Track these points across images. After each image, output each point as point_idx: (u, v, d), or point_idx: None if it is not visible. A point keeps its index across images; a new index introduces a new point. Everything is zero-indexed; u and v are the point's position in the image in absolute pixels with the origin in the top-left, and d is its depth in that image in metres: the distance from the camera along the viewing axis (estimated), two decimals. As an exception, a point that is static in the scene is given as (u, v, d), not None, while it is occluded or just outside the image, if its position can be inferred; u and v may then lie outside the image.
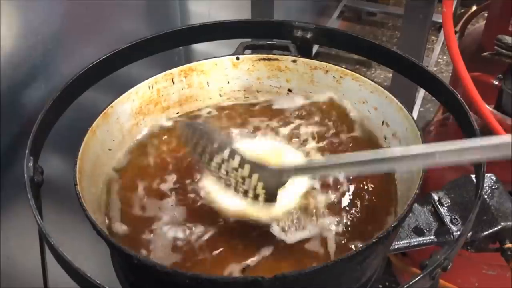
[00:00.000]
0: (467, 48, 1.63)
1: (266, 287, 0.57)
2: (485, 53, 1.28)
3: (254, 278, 0.57)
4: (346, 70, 0.86)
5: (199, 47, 1.26)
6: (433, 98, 0.85)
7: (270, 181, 0.68)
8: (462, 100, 0.78)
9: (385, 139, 0.82)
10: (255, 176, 0.67)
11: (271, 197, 0.69)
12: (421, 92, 2.03)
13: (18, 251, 0.90)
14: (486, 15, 2.35)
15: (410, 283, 0.59)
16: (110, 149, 0.81)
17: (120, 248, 0.61)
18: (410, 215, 0.79)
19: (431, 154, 0.59)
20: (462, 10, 2.18)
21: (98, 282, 0.57)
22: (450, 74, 2.32)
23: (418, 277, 0.60)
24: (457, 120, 0.79)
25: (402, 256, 1.47)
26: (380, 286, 1.37)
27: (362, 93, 0.85)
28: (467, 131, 0.76)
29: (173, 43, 0.94)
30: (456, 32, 2.55)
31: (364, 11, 2.56)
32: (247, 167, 0.67)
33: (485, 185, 0.83)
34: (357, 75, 0.85)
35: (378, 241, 0.61)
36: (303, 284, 0.60)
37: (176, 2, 1.28)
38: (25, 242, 0.90)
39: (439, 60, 2.46)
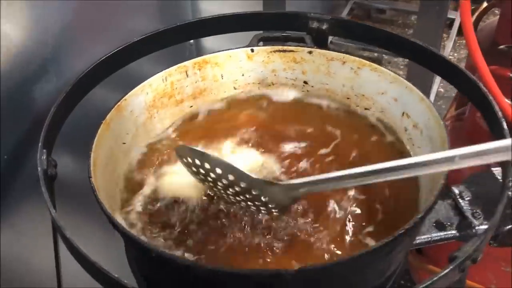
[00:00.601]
0: (480, 43, 1.61)
1: (289, 281, 0.55)
2: (501, 46, 1.26)
3: (277, 271, 0.55)
4: (364, 60, 0.84)
5: (210, 43, 1.24)
6: (445, 95, 0.83)
7: (281, 199, 0.66)
8: (485, 89, 0.76)
9: (406, 130, 0.80)
10: (264, 198, 0.66)
11: (283, 210, 0.68)
12: (434, 88, 2.00)
13: (30, 250, 0.89)
14: (496, 11, 2.33)
15: (439, 275, 0.57)
16: (124, 143, 0.80)
17: (139, 241, 0.59)
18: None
19: (451, 158, 0.57)
20: (473, 7, 2.16)
21: (116, 275, 0.56)
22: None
23: (447, 269, 0.57)
24: (480, 110, 0.77)
25: (417, 253, 1.45)
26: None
27: (381, 84, 0.82)
28: (491, 121, 0.73)
29: (186, 36, 0.92)
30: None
31: (374, 8, 2.54)
32: (255, 191, 0.65)
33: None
34: (375, 65, 0.83)
35: (406, 232, 0.59)
36: (327, 278, 0.58)
37: (188, 1, 1.26)
38: (38, 240, 0.88)
39: (450, 56, 2.44)
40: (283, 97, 0.91)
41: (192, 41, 1.23)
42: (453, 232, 0.79)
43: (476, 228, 0.79)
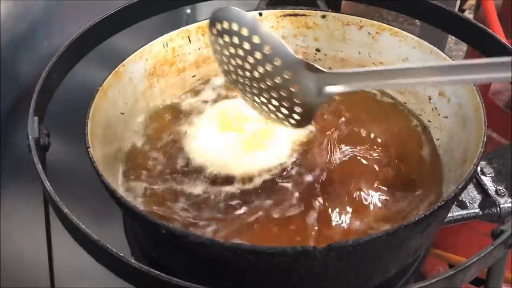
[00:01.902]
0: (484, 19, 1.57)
1: (319, 259, 0.49)
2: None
3: (305, 248, 0.49)
4: (384, 24, 0.77)
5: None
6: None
7: (311, 96, 0.58)
8: (512, 48, 0.70)
9: (430, 99, 0.74)
10: (293, 87, 0.58)
11: (306, 115, 0.60)
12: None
13: (20, 230, 0.81)
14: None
15: (486, 251, 0.50)
16: (122, 113, 0.72)
17: (145, 216, 0.52)
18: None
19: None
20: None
21: (116, 251, 0.49)
22: (460, 53, 2.26)
23: (494, 246, 0.51)
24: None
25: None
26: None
27: (402, 50, 0.76)
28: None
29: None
30: (464, 10, 2.48)
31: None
32: (287, 73, 0.58)
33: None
34: (396, 29, 0.76)
35: (443, 205, 0.53)
36: (359, 255, 0.51)
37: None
38: (28, 220, 0.81)
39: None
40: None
41: (189, 11, 1.16)
42: (476, 210, 0.75)
43: (501, 206, 0.74)
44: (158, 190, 0.66)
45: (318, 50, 0.83)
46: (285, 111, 0.61)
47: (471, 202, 0.75)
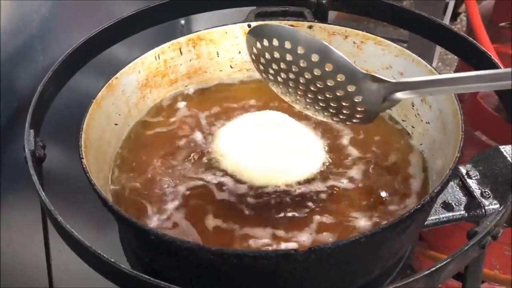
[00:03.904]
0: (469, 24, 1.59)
1: (300, 261, 0.52)
2: (502, 24, 1.23)
3: (287, 251, 0.51)
4: (368, 34, 0.80)
5: (203, 26, 1.20)
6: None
7: (375, 102, 0.59)
8: (496, 60, 0.72)
9: (413, 106, 0.76)
10: (357, 97, 0.59)
11: (368, 118, 0.61)
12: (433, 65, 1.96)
13: (19, 238, 0.84)
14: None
15: (460, 252, 0.53)
16: (116, 124, 0.75)
17: (135, 223, 0.55)
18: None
19: None
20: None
21: (112, 260, 0.51)
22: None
23: (468, 245, 0.54)
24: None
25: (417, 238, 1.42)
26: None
27: (386, 58, 0.79)
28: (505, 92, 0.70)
29: (178, 12, 0.88)
30: (459, 13, 2.50)
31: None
32: (352, 86, 0.59)
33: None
34: (380, 38, 0.79)
35: (420, 208, 0.55)
36: (339, 258, 0.54)
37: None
38: (27, 229, 0.84)
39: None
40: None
41: (183, 22, 1.18)
42: (462, 212, 0.76)
43: (486, 208, 0.76)
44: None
45: (305, 59, 0.85)
46: (343, 116, 0.63)
47: (457, 204, 0.77)
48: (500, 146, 0.79)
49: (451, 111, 0.68)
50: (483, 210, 0.75)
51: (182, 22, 1.19)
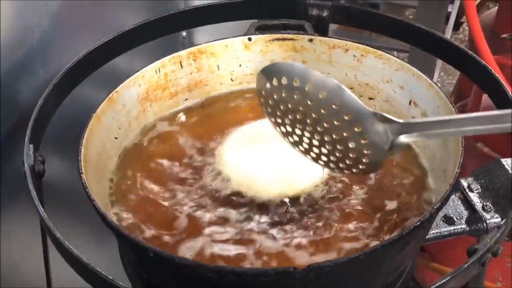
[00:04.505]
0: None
1: (299, 279, 0.51)
2: (504, 35, 1.23)
3: (285, 269, 0.51)
4: (368, 47, 0.80)
5: (204, 38, 1.20)
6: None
7: (381, 142, 0.58)
8: (497, 75, 0.72)
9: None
10: (364, 139, 0.58)
11: (373, 165, 0.60)
12: (434, 79, 1.96)
13: (19, 251, 0.84)
14: (490, 5, 2.31)
15: (460, 269, 0.53)
16: (116, 138, 0.75)
17: (134, 240, 0.55)
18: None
19: None
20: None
21: (110, 277, 0.51)
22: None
23: (468, 263, 0.53)
24: (491, 97, 0.74)
25: (420, 251, 1.41)
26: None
27: (386, 72, 0.79)
28: (503, 104, 0.70)
29: (179, 25, 0.88)
30: (462, 23, 2.51)
31: (367, 2, 2.49)
32: (359, 126, 0.57)
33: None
34: (380, 52, 0.79)
35: (420, 225, 0.55)
36: (339, 275, 0.54)
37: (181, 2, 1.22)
38: (27, 242, 0.84)
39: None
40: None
41: (184, 34, 1.19)
42: (463, 226, 0.76)
43: (487, 221, 0.75)
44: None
45: (306, 72, 0.85)
46: (349, 162, 0.61)
47: (458, 218, 0.76)
48: (501, 159, 0.79)
49: (451, 126, 0.68)
50: (485, 224, 0.75)
51: (184, 34, 1.19)
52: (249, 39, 0.84)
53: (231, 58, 0.85)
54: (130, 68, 0.79)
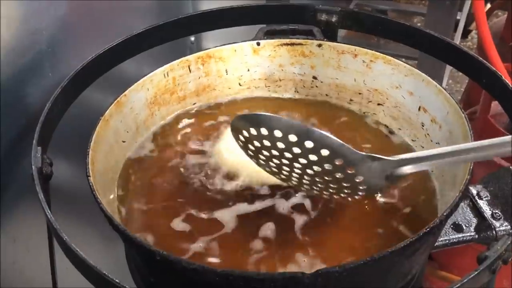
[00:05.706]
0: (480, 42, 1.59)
1: (307, 284, 0.51)
2: (513, 43, 1.22)
3: (293, 274, 0.51)
4: (377, 53, 0.79)
5: (212, 43, 1.20)
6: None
7: (375, 179, 0.58)
8: (507, 81, 0.71)
9: (423, 126, 0.76)
10: (358, 178, 0.58)
11: (369, 195, 0.61)
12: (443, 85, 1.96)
13: (25, 253, 0.84)
14: (500, 13, 2.30)
15: (469, 277, 0.52)
16: (123, 141, 0.75)
17: (141, 243, 0.54)
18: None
19: None
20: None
21: (117, 280, 0.51)
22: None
23: (478, 270, 0.53)
24: (501, 103, 0.73)
25: (428, 259, 1.40)
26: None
27: (396, 77, 0.78)
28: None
29: (187, 30, 0.88)
30: (470, 31, 2.50)
31: (375, 10, 2.50)
32: (352, 168, 0.58)
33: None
34: (389, 58, 0.78)
35: (430, 231, 0.54)
36: (347, 281, 0.53)
37: (189, 2, 1.22)
38: (33, 244, 0.84)
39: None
40: (290, 94, 0.87)
41: (193, 38, 1.19)
42: (472, 234, 0.75)
43: (497, 229, 0.75)
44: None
45: (315, 77, 0.85)
46: (344, 195, 0.61)
47: (467, 225, 0.76)
48: (511, 167, 0.79)
49: (461, 133, 0.67)
50: (494, 232, 0.74)
51: (192, 38, 1.19)
52: (258, 44, 0.84)
53: (239, 62, 0.85)
54: (138, 72, 0.79)
